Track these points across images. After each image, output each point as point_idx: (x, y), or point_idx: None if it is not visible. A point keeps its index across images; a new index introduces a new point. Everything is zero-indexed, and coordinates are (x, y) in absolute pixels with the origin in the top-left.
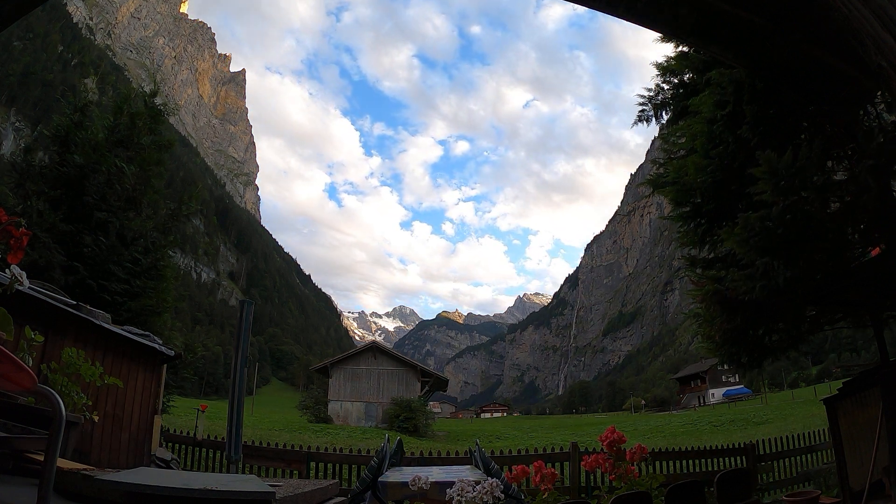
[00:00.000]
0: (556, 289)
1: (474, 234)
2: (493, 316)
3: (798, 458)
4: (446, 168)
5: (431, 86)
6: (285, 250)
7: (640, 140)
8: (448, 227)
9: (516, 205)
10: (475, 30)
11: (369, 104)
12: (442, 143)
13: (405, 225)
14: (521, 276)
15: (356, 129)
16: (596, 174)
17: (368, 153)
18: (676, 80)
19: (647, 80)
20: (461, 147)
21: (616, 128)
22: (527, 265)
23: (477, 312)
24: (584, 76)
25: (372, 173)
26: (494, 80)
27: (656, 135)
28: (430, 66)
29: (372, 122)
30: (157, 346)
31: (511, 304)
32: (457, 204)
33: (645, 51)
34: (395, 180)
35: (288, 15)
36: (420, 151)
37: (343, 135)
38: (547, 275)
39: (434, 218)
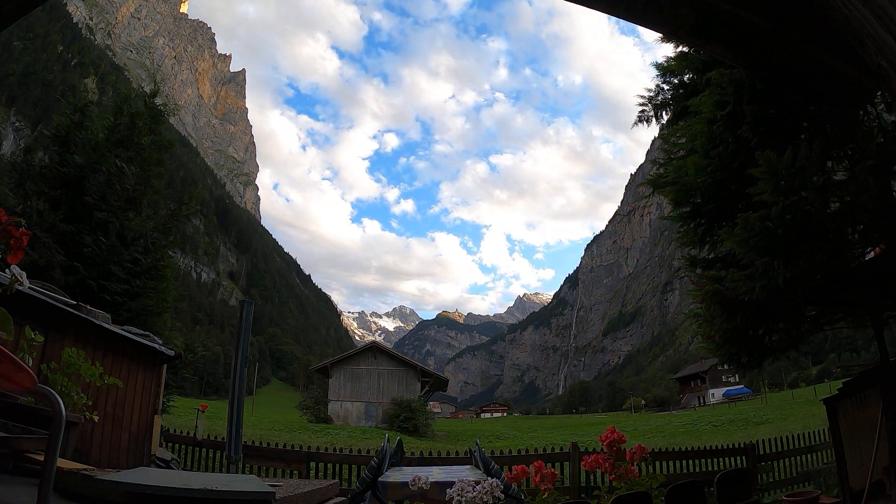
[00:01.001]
0: (527, 285)
1: (425, 230)
2: (493, 316)
3: (798, 458)
4: (382, 163)
5: (349, 78)
6: (285, 250)
7: (573, 133)
8: (396, 224)
9: (459, 200)
10: (377, 17)
11: (296, 99)
12: (374, 137)
13: (356, 220)
14: (487, 274)
15: (289, 121)
16: (534, 168)
17: (304, 148)
18: (676, 81)
19: (571, 62)
20: (391, 142)
21: (546, 117)
22: (485, 260)
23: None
24: (501, 59)
25: (310, 169)
26: (410, 71)
27: (656, 135)
28: (347, 59)
29: (297, 115)
30: (157, 346)
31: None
32: (398, 201)
33: (567, 30)
34: (334, 175)
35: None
36: (354, 147)
37: (278, 129)
38: (512, 271)
39: (380, 214)
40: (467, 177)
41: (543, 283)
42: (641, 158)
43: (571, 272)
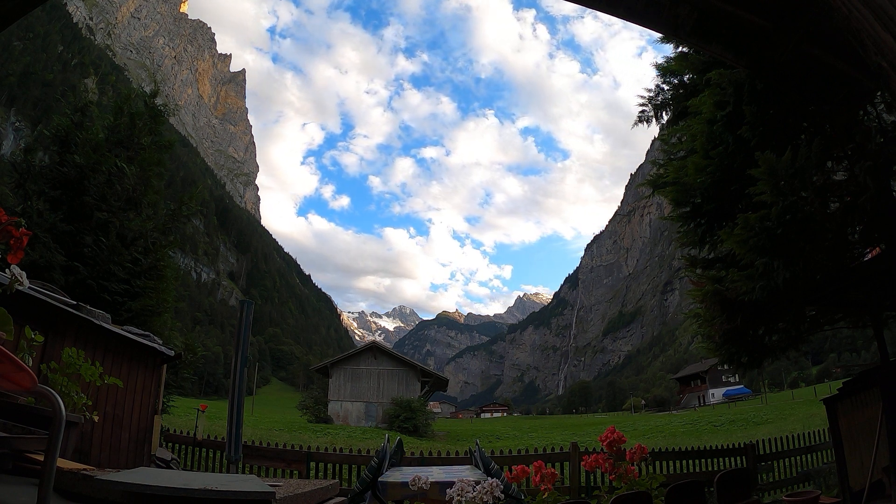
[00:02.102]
0: (485, 281)
1: (369, 225)
2: (493, 316)
3: (798, 458)
4: (312, 158)
5: (267, 72)
6: (285, 250)
7: (492, 122)
8: (341, 218)
9: (392, 194)
10: (280, 9)
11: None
12: (301, 131)
13: (301, 212)
14: (444, 268)
15: None
16: (461, 160)
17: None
18: (676, 81)
19: (476, 45)
20: (317, 136)
21: (464, 106)
22: (437, 254)
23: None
24: (400, 44)
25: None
26: (319, 65)
27: (656, 135)
28: (259, 52)
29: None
30: (157, 346)
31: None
32: (335, 196)
33: (465, 13)
34: (267, 167)
35: None
36: (285, 142)
37: None
38: (467, 266)
39: (320, 208)
40: (397, 171)
41: (502, 280)
42: (573, 148)
43: (571, 272)
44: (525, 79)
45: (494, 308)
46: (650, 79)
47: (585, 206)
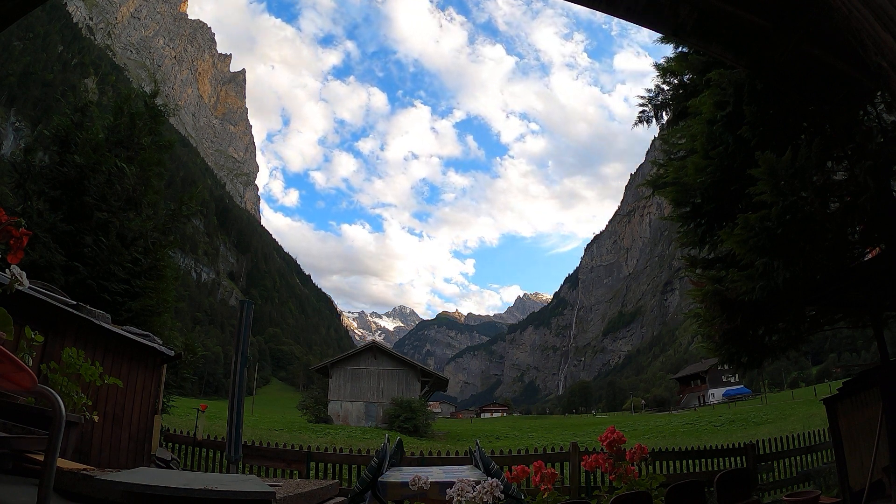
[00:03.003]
0: (449, 278)
1: (324, 221)
2: (494, 316)
3: (798, 458)
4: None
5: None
6: (285, 250)
7: (424, 113)
8: (295, 214)
9: (338, 190)
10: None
11: None
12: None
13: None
14: (408, 265)
15: None
16: (398, 154)
17: None
18: (676, 81)
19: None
20: (260, 131)
21: (393, 96)
22: (397, 250)
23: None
24: (319, 35)
25: None
26: (248, 59)
27: (656, 135)
28: None
29: None
30: (157, 346)
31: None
32: (285, 192)
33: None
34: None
35: None
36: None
37: None
38: (429, 263)
39: (271, 202)
40: (338, 166)
41: (467, 277)
42: (510, 140)
43: (571, 272)
44: (449, 67)
45: (468, 307)
46: (581, 59)
47: (536, 201)
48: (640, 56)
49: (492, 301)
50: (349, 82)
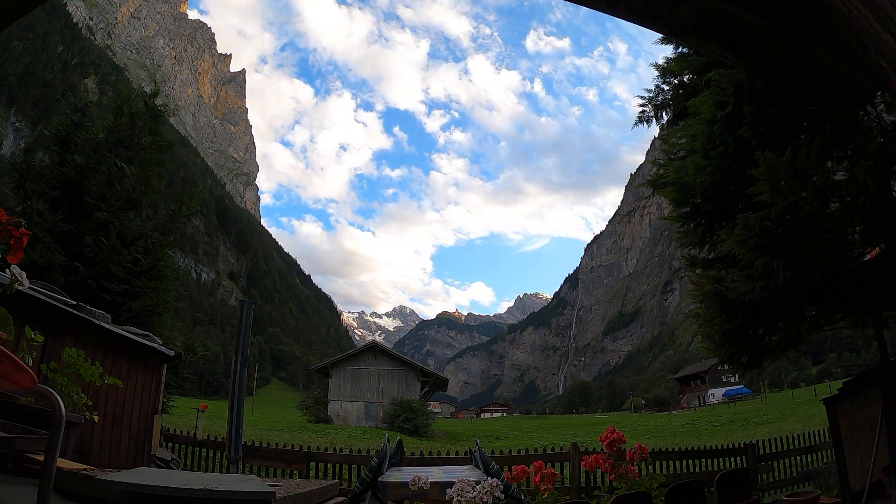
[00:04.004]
0: (410, 274)
1: (274, 216)
2: (493, 316)
3: (798, 458)
4: None
5: None
6: (285, 250)
7: (347, 103)
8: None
9: (282, 183)
10: None
11: None
12: None
13: None
14: (370, 263)
15: None
16: (324, 145)
17: None
18: (676, 82)
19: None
20: None
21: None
22: (354, 248)
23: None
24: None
25: None
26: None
27: (656, 135)
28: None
29: None
30: (157, 346)
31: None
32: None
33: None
34: None
35: None
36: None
37: None
38: (386, 259)
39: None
40: (275, 159)
41: (426, 271)
42: (435, 131)
43: (571, 272)
44: (364, 58)
45: (437, 308)
46: (494, 42)
47: (478, 196)
48: (551, 37)
49: (459, 299)
50: (270, 74)
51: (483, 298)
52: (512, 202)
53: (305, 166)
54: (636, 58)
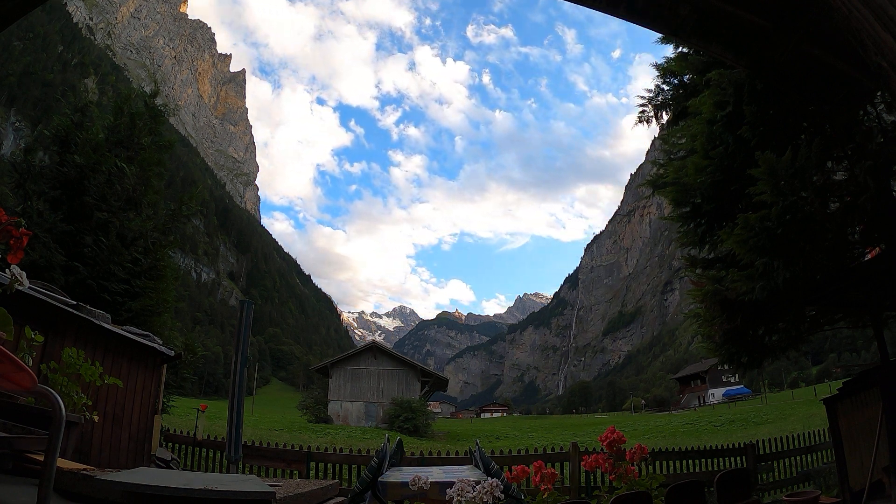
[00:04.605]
0: (374, 270)
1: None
2: (493, 316)
3: (798, 458)
4: None
5: None
6: (285, 250)
7: (302, 97)
8: None
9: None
10: None
11: None
12: None
13: None
14: (346, 263)
15: None
16: (282, 140)
17: None
18: (676, 81)
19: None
20: None
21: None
22: (322, 244)
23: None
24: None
25: None
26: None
27: (656, 135)
28: None
29: None
30: (157, 346)
31: (511, 304)
32: None
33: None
34: None
35: None
36: None
37: None
38: (347, 255)
39: None
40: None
41: (402, 270)
42: (390, 125)
43: (571, 272)
44: (313, 52)
45: (418, 305)
46: (437, 33)
47: (441, 192)
48: (490, 25)
49: (438, 298)
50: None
51: (463, 297)
52: (477, 199)
53: (269, 163)
54: (588, 46)
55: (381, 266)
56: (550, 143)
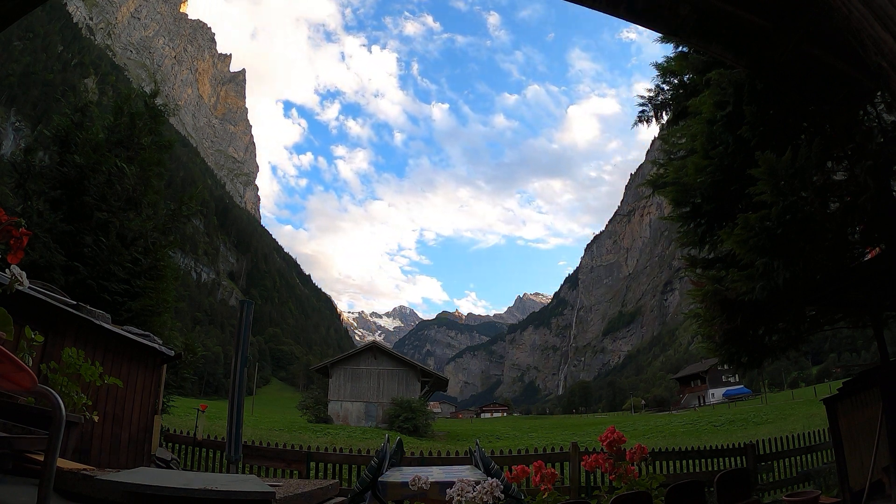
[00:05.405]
0: (367, 268)
1: None
2: (493, 316)
3: (798, 458)
4: None
5: None
6: (285, 250)
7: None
8: None
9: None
10: None
11: None
12: None
13: None
14: (306, 257)
15: None
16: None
17: None
18: (676, 81)
19: None
20: None
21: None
22: (281, 240)
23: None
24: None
25: None
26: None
27: (656, 135)
28: None
29: None
30: (156, 346)
31: (511, 304)
32: None
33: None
34: None
35: None
36: None
37: None
38: (326, 251)
39: None
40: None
41: (369, 268)
42: (329, 120)
43: (571, 272)
44: (251, 50)
45: (388, 304)
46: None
47: (390, 188)
48: (407, 15)
49: (409, 295)
50: None
51: (434, 295)
52: (429, 195)
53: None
54: (515, 32)
55: (350, 265)
56: (493, 136)
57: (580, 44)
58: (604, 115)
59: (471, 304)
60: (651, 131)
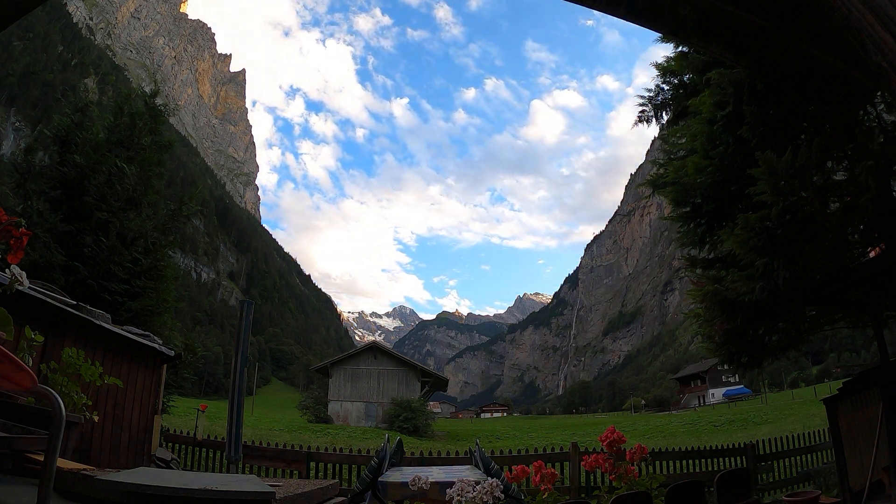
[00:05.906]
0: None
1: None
2: (493, 316)
3: (798, 458)
4: None
5: None
6: (285, 250)
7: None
8: None
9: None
10: None
11: None
12: None
13: None
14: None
15: None
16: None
17: None
18: (676, 81)
19: None
20: None
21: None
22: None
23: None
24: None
25: None
26: None
27: (656, 135)
28: None
29: None
30: (157, 346)
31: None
32: None
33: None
34: None
35: None
36: None
37: None
38: (309, 251)
39: None
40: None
41: (346, 267)
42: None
43: (571, 272)
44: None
45: (368, 303)
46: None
47: (358, 186)
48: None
49: (391, 294)
50: None
51: (416, 294)
52: (399, 193)
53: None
54: (469, 25)
55: (329, 264)
56: (456, 132)
57: (532, 34)
58: (568, 109)
59: (454, 303)
60: (638, 130)
